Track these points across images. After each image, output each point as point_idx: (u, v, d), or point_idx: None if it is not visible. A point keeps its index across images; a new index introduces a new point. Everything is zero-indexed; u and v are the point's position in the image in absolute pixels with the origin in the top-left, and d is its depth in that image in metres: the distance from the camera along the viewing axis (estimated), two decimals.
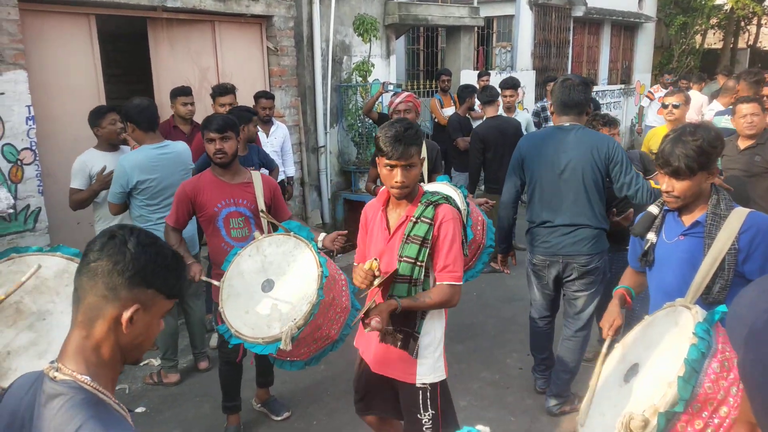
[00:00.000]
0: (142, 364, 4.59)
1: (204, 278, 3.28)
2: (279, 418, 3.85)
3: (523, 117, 7.12)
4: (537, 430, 3.72)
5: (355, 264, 2.67)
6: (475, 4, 9.84)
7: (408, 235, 2.45)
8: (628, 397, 1.93)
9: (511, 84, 6.82)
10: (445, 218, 2.46)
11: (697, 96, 8.40)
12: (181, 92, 5.20)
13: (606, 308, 2.65)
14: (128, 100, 3.98)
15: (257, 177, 3.50)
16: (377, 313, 2.32)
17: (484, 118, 6.31)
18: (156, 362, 4.53)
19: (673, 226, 2.46)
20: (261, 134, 5.14)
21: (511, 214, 3.81)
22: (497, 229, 3.92)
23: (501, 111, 6.59)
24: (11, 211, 4.47)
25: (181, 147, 4.15)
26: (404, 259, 2.46)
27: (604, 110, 12.54)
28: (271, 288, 2.87)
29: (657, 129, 5.37)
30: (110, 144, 4.21)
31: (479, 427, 1.37)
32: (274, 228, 3.17)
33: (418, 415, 2.62)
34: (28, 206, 4.64)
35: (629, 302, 2.67)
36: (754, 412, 0.58)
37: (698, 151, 2.25)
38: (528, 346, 4.12)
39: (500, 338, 4.93)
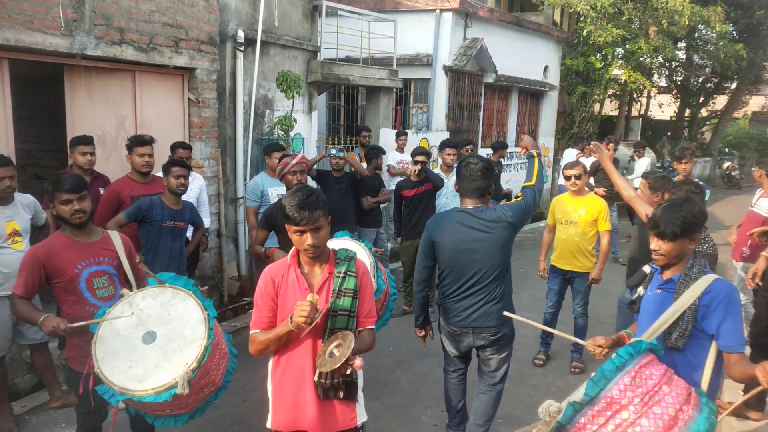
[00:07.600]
0: None
1: (71, 325, 2.97)
2: None
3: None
4: None
5: (253, 332, 2.61)
6: (395, 67, 10.26)
7: (339, 290, 2.60)
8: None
9: (452, 144, 7.23)
10: (363, 270, 2.73)
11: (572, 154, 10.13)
12: (81, 141, 5.00)
13: None
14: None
15: (114, 234, 3.42)
16: (352, 354, 2.43)
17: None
18: None
19: (655, 280, 2.89)
20: None
21: (425, 292, 3.94)
22: (414, 306, 4.07)
23: (438, 169, 7.25)
24: None
25: None
26: (339, 313, 2.60)
27: (511, 171, 13.29)
28: (153, 339, 2.86)
29: (560, 197, 5.74)
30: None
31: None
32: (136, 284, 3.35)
33: None
34: None
35: (626, 341, 2.97)
36: None
37: (683, 220, 2.64)
38: (442, 402, 4.22)
39: (415, 394, 5.01)
